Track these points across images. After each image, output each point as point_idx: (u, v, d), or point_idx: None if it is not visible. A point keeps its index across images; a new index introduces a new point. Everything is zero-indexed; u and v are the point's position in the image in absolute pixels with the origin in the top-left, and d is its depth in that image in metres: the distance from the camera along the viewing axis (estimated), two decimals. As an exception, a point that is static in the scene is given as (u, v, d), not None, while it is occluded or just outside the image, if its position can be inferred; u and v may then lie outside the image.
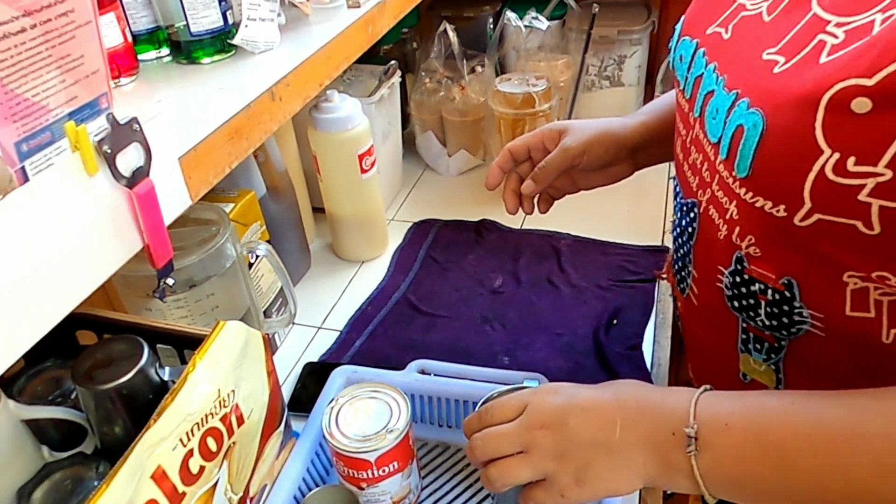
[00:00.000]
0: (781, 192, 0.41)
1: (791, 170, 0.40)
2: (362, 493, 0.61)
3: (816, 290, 0.45)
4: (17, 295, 0.39)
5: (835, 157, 0.38)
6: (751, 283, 0.48)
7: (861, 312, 0.43)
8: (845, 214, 0.39)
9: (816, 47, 0.40)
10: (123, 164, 0.47)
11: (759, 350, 0.52)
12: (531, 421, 0.50)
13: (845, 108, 0.37)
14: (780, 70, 0.41)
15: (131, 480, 0.43)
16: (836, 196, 0.38)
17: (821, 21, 0.41)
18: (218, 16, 0.70)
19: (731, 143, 0.44)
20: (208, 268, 0.68)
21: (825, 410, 0.42)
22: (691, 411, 0.45)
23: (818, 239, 0.41)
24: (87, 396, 0.53)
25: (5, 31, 0.41)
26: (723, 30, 0.50)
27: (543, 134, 0.72)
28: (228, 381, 0.52)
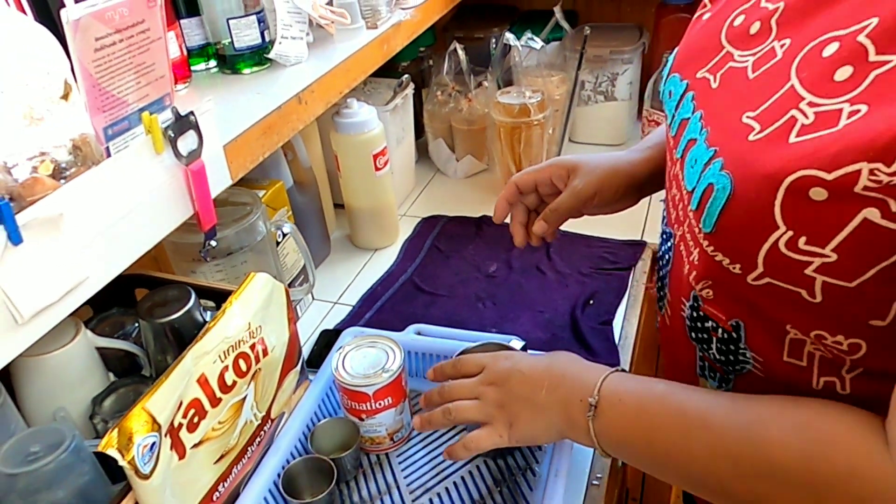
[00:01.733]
0: (739, 254, 0.44)
1: (749, 236, 0.43)
2: (362, 424, 0.75)
3: (759, 335, 0.49)
4: (109, 235, 0.54)
5: (788, 234, 0.41)
6: (705, 319, 0.53)
7: (795, 360, 0.47)
8: (792, 283, 0.42)
9: (788, 123, 0.42)
10: (182, 146, 0.61)
11: (712, 378, 0.57)
12: (485, 378, 0.65)
13: (803, 194, 0.39)
14: (755, 138, 0.43)
15: (183, 379, 0.57)
16: (785, 267, 0.42)
17: (796, 96, 0.42)
18: (257, 34, 0.84)
19: (702, 198, 0.47)
20: (242, 239, 0.83)
21: (690, 402, 0.52)
22: (598, 385, 0.56)
23: (766, 298, 0.45)
24: (146, 329, 0.68)
25: (102, 44, 0.55)
26: (712, 77, 0.51)
27: (551, 170, 0.72)
28: (256, 318, 0.66)
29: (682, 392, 0.54)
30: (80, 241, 0.51)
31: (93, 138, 0.56)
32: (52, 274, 0.49)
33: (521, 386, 0.62)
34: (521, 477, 0.73)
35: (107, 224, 0.54)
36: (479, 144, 1.33)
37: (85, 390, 0.66)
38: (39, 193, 0.50)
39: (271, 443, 0.72)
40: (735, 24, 0.52)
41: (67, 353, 0.63)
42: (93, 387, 0.67)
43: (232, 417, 0.63)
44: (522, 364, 0.64)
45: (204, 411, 0.59)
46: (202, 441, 0.60)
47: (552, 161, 0.74)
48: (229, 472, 0.65)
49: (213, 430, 0.61)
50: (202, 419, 0.59)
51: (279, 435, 0.72)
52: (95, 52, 0.54)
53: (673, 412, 0.52)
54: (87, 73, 0.54)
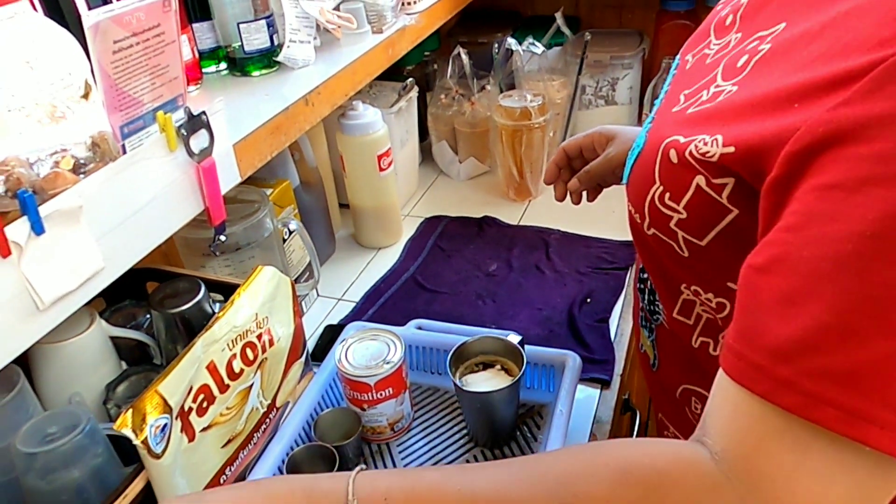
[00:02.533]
0: (637, 204, 0.51)
1: (641, 188, 0.49)
2: (364, 413, 0.77)
3: (661, 289, 0.55)
4: (124, 228, 0.56)
5: (660, 188, 0.47)
6: (643, 271, 0.59)
7: (683, 318, 0.53)
8: (666, 234, 0.48)
9: (695, 100, 0.48)
10: (195, 144, 0.64)
11: (645, 327, 0.63)
12: None
13: (667, 156, 0.46)
14: (675, 111, 0.50)
15: (193, 365, 0.60)
16: (659, 218, 0.48)
17: (713, 79, 0.48)
18: (266, 38, 0.87)
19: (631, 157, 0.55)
20: (250, 235, 0.86)
21: (475, 483, 0.42)
22: (350, 489, 0.44)
23: (658, 248, 0.50)
24: (158, 319, 0.71)
25: (119, 46, 0.58)
26: (691, 60, 0.57)
27: (594, 136, 0.78)
28: (264, 309, 0.69)
29: (457, 474, 0.44)
30: (98, 232, 0.54)
31: (110, 136, 0.59)
32: (71, 263, 0.52)
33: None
34: (517, 466, 0.76)
35: (122, 217, 0.57)
36: (481, 147, 1.36)
37: (99, 377, 0.69)
38: (60, 187, 0.53)
39: (276, 430, 0.74)
40: (722, 15, 0.56)
41: (83, 341, 0.66)
42: (106, 374, 0.70)
43: (239, 404, 0.66)
44: None
45: (213, 397, 0.62)
46: (211, 425, 0.63)
47: (597, 129, 0.79)
48: (236, 456, 0.68)
49: (221, 416, 0.64)
50: (211, 404, 0.62)
51: (284, 423, 0.75)
52: (114, 55, 0.57)
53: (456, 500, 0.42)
54: (105, 74, 0.57)
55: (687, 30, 1.39)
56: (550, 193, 1.32)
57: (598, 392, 0.87)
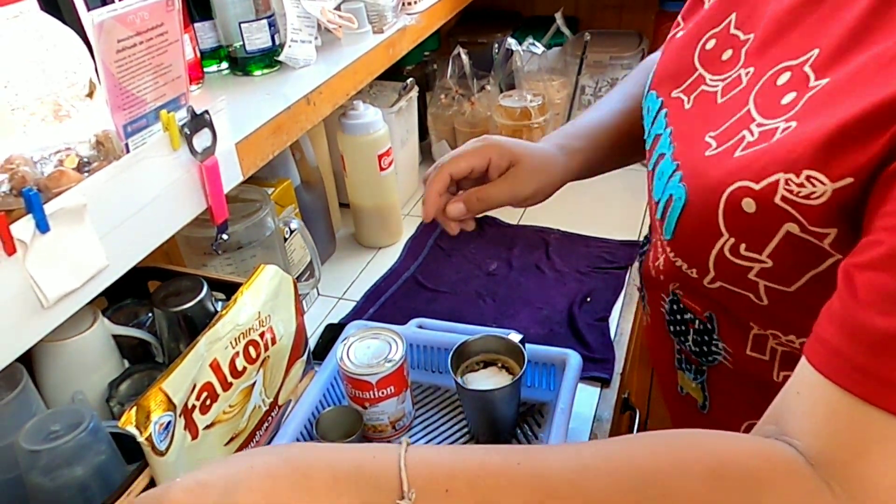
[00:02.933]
0: (694, 259, 0.48)
1: (701, 243, 0.46)
2: (365, 412, 0.78)
3: (728, 328, 0.51)
4: (128, 226, 0.57)
5: (731, 240, 0.44)
6: (684, 311, 0.55)
7: (758, 354, 0.50)
8: (740, 286, 0.45)
9: (738, 141, 0.45)
10: (197, 143, 0.64)
11: (689, 370, 0.58)
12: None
13: (738, 205, 0.42)
14: (710, 154, 0.47)
15: (196, 363, 0.60)
16: (733, 271, 0.45)
17: (749, 118, 0.45)
18: (268, 38, 0.88)
19: (664, 208, 0.50)
20: (252, 235, 0.86)
21: (548, 472, 0.38)
22: (404, 477, 0.38)
23: (723, 298, 0.48)
24: (160, 317, 0.71)
25: (123, 45, 0.58)
26: (686, 98, 0.54)
27: (491, 158, 0.64)
28: (266, 308, 0.69)
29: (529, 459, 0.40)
30: (102, 230, 0.54)
31: (114, 134, 0.59)
32: (75, 261, 0.53)
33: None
34: (518, 464, 0.76)
35: (126, 215, 0.57)
36: (481, 146, 1.36)
37: (101, 375, 0.69)
38: (65, 185, 0.53)
39: (278, 428, 0.75)
40: (707, 48, 0.54)
41: (86, 339, 0.66)
42: (109, 372, 0.70)
43: (242, 402, 0.66)
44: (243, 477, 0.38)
45: (216, 394, 0.62)
46: (214, 423, 0.63)
47: (487, 143, 0.65)
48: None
49: (223, 413, 0.64)
50: (214, 402, 0.62)
51: (286, 421, 0.75)
52: (118, 54, 0.57)
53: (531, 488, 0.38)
54: (109, 73, 0.57)
55: (686, 30, 1.39)
56: (550, 193, 1.34)
57: (599, 391, 0.88)
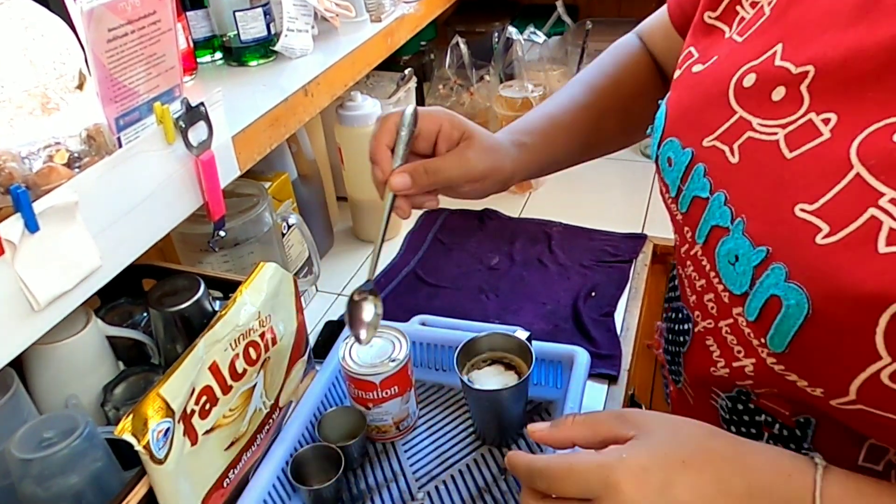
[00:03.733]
0: (822, 379, 0.37)
1: (839, 363, 0.36)
2: (369, 413, 0.76)
3: (833, 438, 0.41)
4: (122, 224, 0.54)
5: (894, 366, 0.34)
6: (756, 412, 0.44)
7: (871, 465, 0.41)
8: (892, 411, 0.35)
9: (870, 225, 0.34)
10: (193, 137, 0.62)
11: None
12: None
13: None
14: (826, 242, 0.36)
15: (195, 366, 0.57)
16: (886, 397, 0.35)
17: (869, 189, 0.35)
18: (263, 27, 0.85)
19: (764, 311, 0.39)
20: (249, 231, 0.84)
21: None
22: None
23: (853, 419, 0.38)
24: (157, 318, 0.68)
25: (114, 34, 0.56)
26: (727, 148, 0.43)
27: (441, 126, 0.58)
28: (266, 307, 0.67)
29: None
30: (94, 229, 0.52)
31: (106, 128, 0.57)
32: (67, 261, 0.50)
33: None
34: (526, 465, 0.74)
35: (120, 212, 0.55)
36: (480, 138, 1.34)
37: (95, 378, 0.67)
38: (54, 182, 0.50)
39: (280, 431, 0.73)
40: (745, 85, 0.44)
41: (79, 341, 0.64)
42: (103, 375, 0.67)
43: (242, 405, 0.64)
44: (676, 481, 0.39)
45: (215, 398, 0.60)
46: (214, 428, 0.61)
47: (439, 111, 0.59)
48: (239, 458, 0.66)
49: (224, 418, 0.62)
50: (214, 406, 0.60)
51: (287, 423, 0.73)
52: (108, 43, 0.55)
53: None
54: (100, 64, 0.54)
55: (688, 18, 1.37)
56: (551, 186, 1.32)
57: (606, 387, 0.86)
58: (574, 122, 0.67)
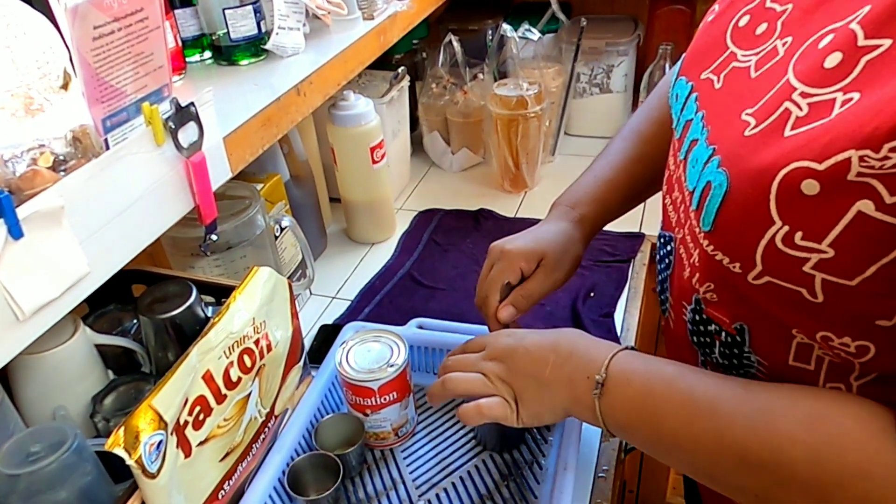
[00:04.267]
0: (738, 251, 0.43)
1: (746, 233, 0.42)
2: (367, 419, 0.74)
3: (764, 339, 0.47)
4: (110, 229, 0.52)
5: (784, 229, 0.39)
6: (708, 322, 0.51)
7: (802, 364, 0.46)
8: (792, 281, 0.40)
9: (782, 116, 0.41)
10: (183, 138, 0.60)
11: None
12: (487, 354, 0.62)
13: (796, 188, 0.38)
14: (750, 133, 0.43)
15: (188, 375, 0.55)
16: (784, 264, 0.40)
17: (790, 87, 0.41)
18: (253, 25, 0.83)
19: (701, 197, 0.46)
20: (241, 234, 0.82)
21: (699, 386, 0.49)
22: (606, 363, 0.54)
23: (769, 298, 0.43)
24: (147, 325, 0.66)
25: (100, 32, 0.54)
26: (715, 78, 0.51)
27: (521, 265, 0.70)
28: (261, 313, 0.65)
29: (692, 375, 0.51)
30: (82, 234, 0.50)
31: (92, 129, 0.55)
32: (53, 269, 0.48)
33: (525, 362, 0.59)
34: (528, 471, 0.73)
35: (108, 217, 0.53)
36: (474, 137, 1.32)
37: (84, 388, 0.65)
38: (39, 186, 0.48)
39: (275, 439, 0.71)
40: (740, 25, 0.51)
41: (66, 350, 0.62)
42: (92, 385, 0.65)
43: (237, 414, 0.62)
44: (527, 340, 0.61)
45: (209, 408, 0.58)
46: (208, 439, 0.59)
47: (516, 254, 0.71)
48: (234, 469, 0.64)
49: (218, 428, 0.60)
50: (207, 416, 0.58)
51: (283, 431, 0.71)
52: (94, 41, 0.53)
53: (681, 396, 0.50)
54: (85, 63, 0.52)
55: (682, 15, 1.36)
56: (547, 185, 1.31)
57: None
58: (628, 179, 0.74)
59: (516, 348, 0.61)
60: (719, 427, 0.47)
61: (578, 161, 1.34)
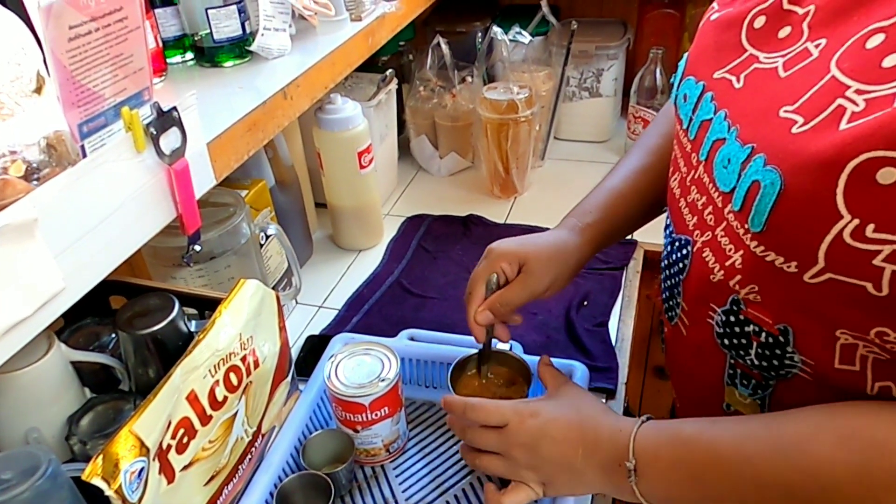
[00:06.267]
0: (795, 250, 0.42)
1: (808, 230, 0.41)
2: (357, 436, 0.71)
3: (810, 339, 0.46)
4: (87, 241, 0.49)
5: (854, 222, 0.38)
6: (745, 324, 0.50)
7: (847, 366, 0.46)
8: (857, 276, 0.40)
9: (836, 112, 0.40)
10: (165, 144, 0.57)
11: (745, 385, 0.54)
12: (510, 440, 0.60)
13: (870, 178, 0.37)
14: (799, 131, 0.42)
15: (171, 397, 0.52)
16: (850, 259, 0.39)
17: (840, 85, 0.41)
18: (237, 25, 0.80)
19: (746, 197, 0.45)
20: (226, 243, 0.78)
21: (723, 439, 0.50)
22: (630, 446, 0.54)
23: (823, 296, 0.42)
24: (126, 341, 0.63)
25: (76, 32, 0.51)
26: (734, 77, 0.50)
27: (502, 266, 0.69)
28: (248, 329, 0.62)
29: (711, 429, 0.52)
30: (57, 248, 0.47)
31: (68, 136, 0.52)
32: (26, 285, 0.45)
33: (554, 453, 0.59)
34: (525, 488, 0.71)
35: (85, 229, 0.50)
36: (463, 141, 1.30)
37: (59, 408, 0.61)
38: (10, 197, 0.45)
39: (262, 459, 0.68)
40: (756, 27, 0.50)
41: (40, 368, 0.58)
42: (68, 404, 0.62)
43: (223, 435, 0.59)
44: (551, 427, 0.59)
45: (194, 431, 0.55)
46: (192, 462, 0.55)
47: (497, 254, 0.70)
48: (220, 492, 0.61)
49: (203, 450, 0.57)
50: (192, 439, 0.55)
51: (270, 450, 0.68)
52: (69, 42, 0.50)
53: (708, 454, 0.50)
54: (60, 65, 0.49)
55: (672, 19, 1.35)
56: (537, 190, 1.29)
57: (604, 402, 0.82)
58: (634, 189, 0.72)
59: (542, 438, 0.59)
60: (756, 474, 0.47)
61: (569, 166, 1.33)
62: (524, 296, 0.68)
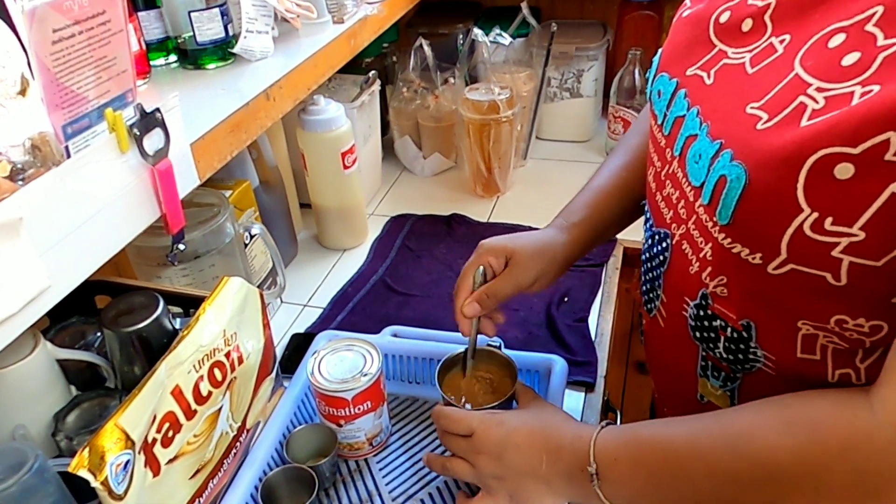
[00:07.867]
0: (759, 242, 0.44)
1: (771, 223, 0.42)
2: (340, 430, 0.72)
3: (772, 334, 0.48)
4: (72, 240, 0.50)
5: (813, 215, 0.40)
6: (713, 318, 0.52)
7: (809, 355, 0.47)
8: (817, 267, 0.41)
9: (798, 109, 0.42)
10: (148, 145, 0.58)
11: (716, 377, 0.56)
12: (477, 447, 0.62)
13: (828, 173, 0.38)
14: (764, 127, 0.43)
15: (156, 391, 0.53)
16: (810, 250, 0.41)
17: (802, 83, 0.42)
18: (220, 28, 0.81)
19: (714, 191, 0.46)
20: (210, 242, 0.79)
21: (675, 436, 0.51)
22: (591, 452, 0.55)
23: (787, 286, 0.44)
24: (112, 339, 0.64)
25: (60, 36, 0.52)
26: (705, 74, 0.51)
27: (489, 260, 0.70)
28: (232, 325, 0.63)
29: (665, 429, 0.53)
30: (41, 247, 0.48)
31: (52, 137, 0.52)
32: (11, 283, 0.46)
33: (518, 462, 0.60)
34: (506, 479, 0.72)
35: (69, 228, 0.51)
36: (446, 142, 1.32)
37: (45, 406, 0.62)
38: (-5, 197, 0.46)
39: (247, 454, 0.69)
40: (721, 21, 0.52)
41: (26, 366, 0.59)
42: (54, 402, 0.63)
43: (207, 430, 0.60)
44: (515, 436, 0.61)
45: (179, 425, 0.56)
46: (177, 456, 0.57)
47: (485, 249, 0.71)
48: (205, 486, 0.62)
49: (188, 445, 0.58)
50: (177, 433, 0.56)
51: (255, 445, 0.69)
52: (53, 45, 0.51)
53: (664, 453, 0.52)
54: (44, 67, 0.50)
55: (651, 20, 1.37)
56: (519, 190, 1.30)
57: (583, 395, 0.84)
58: (618, 186, 0.74)
59: (506, 446, 0.60)
60: (707, 466, 0.49)
61: (550, 165, 1.35)
62: (510, 288, 0.69)
